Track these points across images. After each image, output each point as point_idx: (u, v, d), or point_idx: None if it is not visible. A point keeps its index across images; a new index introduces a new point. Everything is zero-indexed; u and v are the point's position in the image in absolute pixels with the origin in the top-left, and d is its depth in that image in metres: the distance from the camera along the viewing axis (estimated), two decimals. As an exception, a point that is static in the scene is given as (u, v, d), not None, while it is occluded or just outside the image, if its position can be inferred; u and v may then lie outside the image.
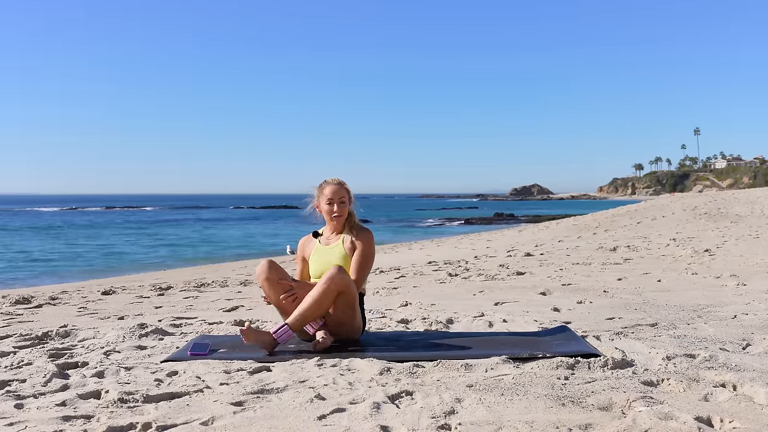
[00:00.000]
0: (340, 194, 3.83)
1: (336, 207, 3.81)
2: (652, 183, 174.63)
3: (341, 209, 3.82)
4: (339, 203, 3.82)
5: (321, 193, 3.87)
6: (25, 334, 4.28)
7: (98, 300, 7.00)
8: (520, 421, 2.25)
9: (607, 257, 9.74)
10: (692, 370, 2.89)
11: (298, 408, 2.48)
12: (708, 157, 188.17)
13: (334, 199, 3.81)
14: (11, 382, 2.98)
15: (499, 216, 50.32)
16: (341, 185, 3.87)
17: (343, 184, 3.88)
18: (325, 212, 3.85)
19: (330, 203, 3.82)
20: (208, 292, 7.58)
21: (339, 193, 3.83)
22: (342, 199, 3.83)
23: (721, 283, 6.34)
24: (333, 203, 3.82)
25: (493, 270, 8.44)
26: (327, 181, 3.90)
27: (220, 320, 4.84)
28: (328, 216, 3.84)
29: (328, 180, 3.90)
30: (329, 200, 3.82)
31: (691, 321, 4.32)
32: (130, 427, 2.34)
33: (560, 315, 4.77)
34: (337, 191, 3.83)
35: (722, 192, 63.34)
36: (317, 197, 3.90)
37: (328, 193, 3.83)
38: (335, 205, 3.81)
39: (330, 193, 3.82)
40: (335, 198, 3.82)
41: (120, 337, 4.06)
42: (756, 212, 20.67)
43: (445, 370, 3.03)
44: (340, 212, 3.82)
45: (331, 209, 3.82)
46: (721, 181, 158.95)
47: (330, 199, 3.82)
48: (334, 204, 3.81)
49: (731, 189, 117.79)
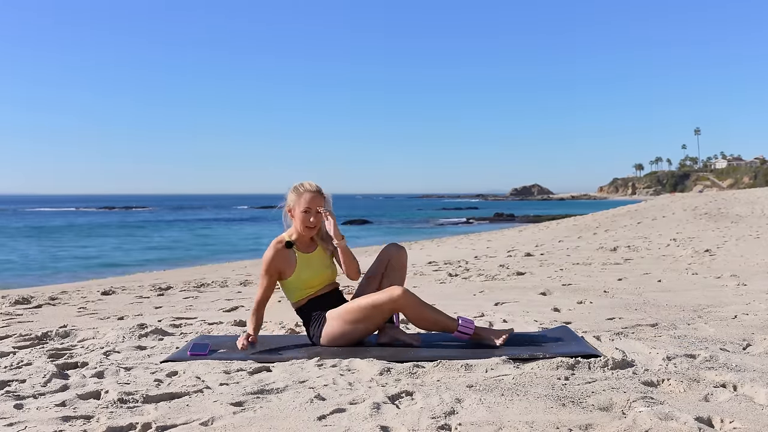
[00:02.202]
0: (318, 203, 3.63)
1: (313, 218, 3.62)
2: (653, 183, 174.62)
3: (318, 219, 3.65)
4: (316, 214, 3.63)
5: (298, 199, 3.63)
6: (24, 335, 4.28)
7: (98, 300, 6.99)
8: (521, 422, 2.25)
9: (608, 257, 9.74)
10: (693, 371, 2.88)
11: (298, 408, 2.48)
12: (708, 157, 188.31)
13: (312, 208, 3.62)
14: (11, 383, 2.98)
15: (499, 216, 50.33)
16: (320, 193, 3.65)
17: (321, 192, 3.66)
18: (300, 220, 3.62)
19: (307, 212, 3.61)
20: (208, 292, 7.58)
21: (317, 202, 3.63)
22: (320, 208, 3.64)
23: (722, 283, 6.33)
24: (310, 212, 3.62)
25: (493, 270, 8.43)
26: (305, 186, 3.66)
27: (220, 320, 4.84)
28: (303, 225, 3.62)
29: (305, 185, 3.67)
30: (307, 209, 3.61)
31: (692, 321, 4.32)
32: (130, 427, 2.34)
33: (560, 315, 4.76)
34: (316, 200, 3.62)
35: (723, 192, 63.34)
36: (293, 202, 3.66)
37: (307, 201, 3.61)
38: (312, 215, 3.62)
39: (308, 201, 3.61)
40: (313, 207, 3.62)
41: (120, 338, 4.06)
42: (756, 212, 20.67)
43: (445, 370, 3.02)
44: (317, 223, 3.65)
45: (307, 218, 3.61)
46: (721, 181, 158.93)
47: (308, 208, 3.61)
48: (311, 214, 3.62)
49: (732, 189, 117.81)
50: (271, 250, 3.64)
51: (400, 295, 3.48)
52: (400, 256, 3.76)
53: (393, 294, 3.48)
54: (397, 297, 3.48)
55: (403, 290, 3.50)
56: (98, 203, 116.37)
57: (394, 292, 3.49)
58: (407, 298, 3.49)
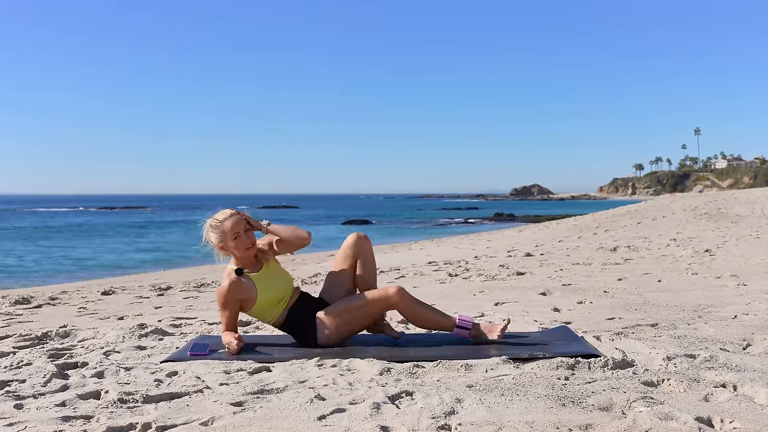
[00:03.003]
0: (242, 223, 3.54)
1: (246, 236, 3.53)
2: (653, 183, 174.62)
3: (251, 236, 3.56)
4: (245, 232, 3.54)
5: (223, 233, 3.52)
6: (24, 335, 4.28)
7: (98, 300, 7.00)
8: (521, 422, 2.25)
9: (608, 257, 9.73)
10: (692, 371, 2.88)
11: (298, 408, 2.48)
12: (708, 157, 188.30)
13: (240, 231, 3.52)
14: (11, 383, 2.98)
15: (499, 216, 50.33)
16: (236, 214, 3.56)
17: (235, 213, 3.57)
18: (236, 247, 3.52)
19: (237, 237, 3.51)
20: (208, 292, 7.58)
21: (241, 223, 3.53)
22: (246, 227, 3.55)
23: (722, 283, 6.33)
24: (240, 236, 3.52)
25: (493, 270, 8.43)
26: (219, 218, 3.55)
27: (220, 320, 4.83)
28: (243, 248, 3.53)
29: (218, 217, 3.56)
30: (236, 234, 3.51)
31: (692, 321, 4.32)
32: (130, 427, 2.33)
33: (560, 315, 4.76)
34: (238, 222, 3.53)
35: (722, 192, 63.34)
36: (219, 239, 3.55)
37: (231, 227, 3.50)
38: (243, 235, 3.52)
39: (232, 226, 3.51)
40: (240, 229, 3.52)
41: (120, 338, 4.06)
42: (756, 212, 20.67)
43: (445, 370, 3.02)
44: (251, 238, 3.56)
45: (241, 242, 3.52)
46: (721, 181, 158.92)
47: (236, 233, 3.51)
48: (242, 236, 3.52)
49: (732, 189, 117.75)
50: (225, 282, 3.56)
51: (395, 293, 3.52)
52: (369, 248, 3.80)
53: (388, 293, 3.54)
54: (392, 296, 3.52)
55: (398, 289, 3.54)
56: (99, 203, 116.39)
57: (389, 291, 3.54)
58: (402, 297, 3.53)
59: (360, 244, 3.78)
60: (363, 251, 3.77)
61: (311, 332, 3.61)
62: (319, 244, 18.44)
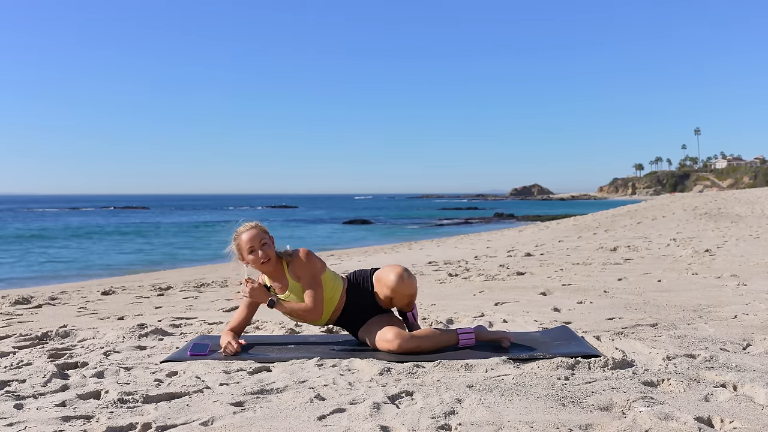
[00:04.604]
0: (260, 237, 3.54)
1: (261, 252, 3.52)
2: (653, 183, 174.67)
3: (267, 251, 3.54)
4: (261, 247, 3.53)
5: (239, 245, 3.56)
6: (24, 335, 4.28)
7: (98, 300, 6.99)
8: (521, 422, 2.25)
9: (608, 257, 9.73)
10: (692, 371, 2.88)
11: (298, 408, 2.48)
12: (708, 157, 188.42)
13: (255, 245, 3.52)
14: (11, 383, 2.98)
15: (499, 216, 50.30)
16: (256, 227, 3.58)
17: (256, 226, 3.59)
18: (252, 262, 3.55)
19: (252, 251, 3.53)
20: (208, 292, 7.57)
21: (258, 237, 3.54)
22: (263, 241, 3.54)
23: (722, 283, 6.33)
24: (255, 250, 3.53)
25: (493, 270, 8.43)
26: (239, 231, 3.59)
27: (220, 320, 4.84)
28: (257, 264, 3.55)
29: (239, 229, 3.60)
30: (251, 248, 3.53)
31: (692, 321, 4.32)
32: (130, 427, 2.33)
33: (560, 315, 4.76)
34: (255, 236, 3.53)
35: (722, 192, 63.34)
36: (238, 252, 3.58)
37: (246, 241, 3.53)
38: (258, 251, 3.53)
39: (248, 240, 3.53)
40: (256, 244, 3.52)
41: (120, 338, 4.06)
42: (756, 212, 20.67)
43: (445, 370, 3.02)
44: (267, 255, 3.54)
45: (257, 257, 3.53)
46: (721, 181, 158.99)
47: (251, 247, 3.52)
48: (257, 250, 3.53)
49: (732, 189, 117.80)
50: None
51: (398, 346, 3.37)
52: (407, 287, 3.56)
53: (392, 346, 3.39)
54: (395, 349, 3.38)
55: (398, 345, 3.37)
56: (98, 203, 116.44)
57: (393, 345, 3.39)
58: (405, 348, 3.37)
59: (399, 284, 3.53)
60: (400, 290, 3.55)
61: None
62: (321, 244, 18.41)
